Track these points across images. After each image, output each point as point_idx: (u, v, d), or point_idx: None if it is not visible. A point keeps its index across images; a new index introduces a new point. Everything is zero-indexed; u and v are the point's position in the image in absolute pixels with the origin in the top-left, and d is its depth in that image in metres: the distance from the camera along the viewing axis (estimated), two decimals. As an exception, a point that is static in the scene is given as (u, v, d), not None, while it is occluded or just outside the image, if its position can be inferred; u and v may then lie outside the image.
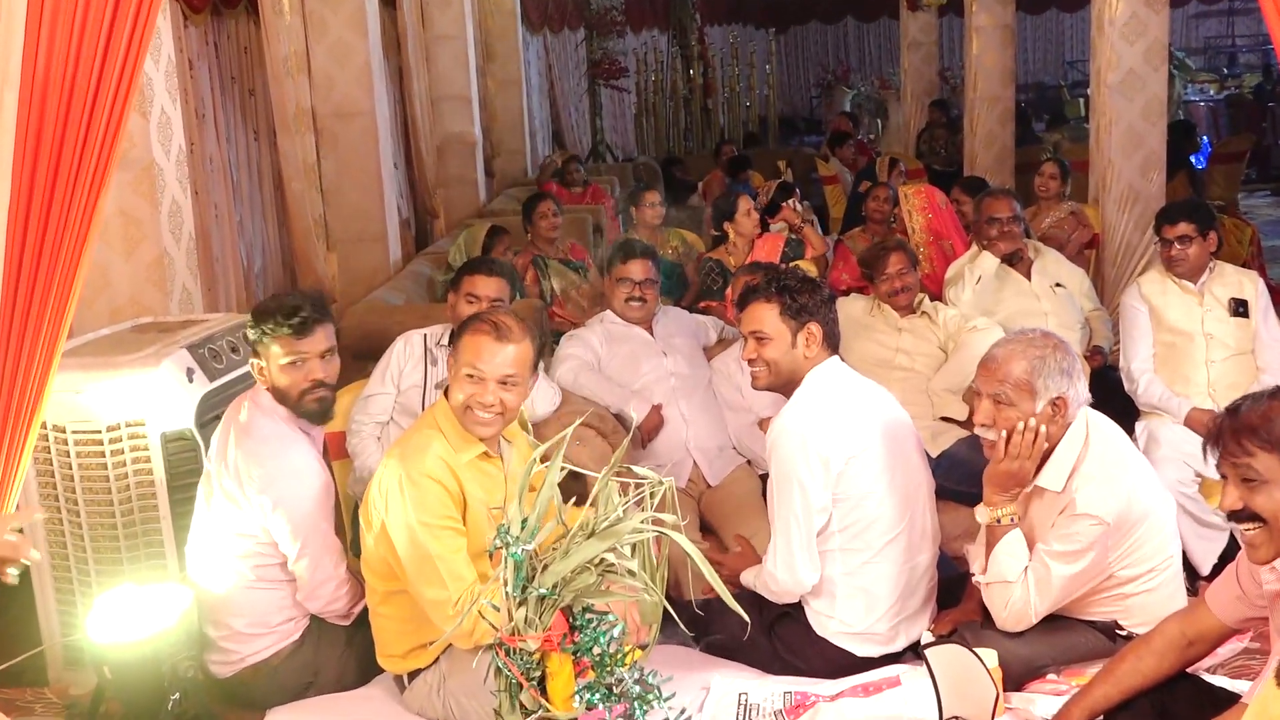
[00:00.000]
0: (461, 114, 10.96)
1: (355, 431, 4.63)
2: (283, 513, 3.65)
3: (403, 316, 6.21)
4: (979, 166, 11.13)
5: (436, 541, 3.38)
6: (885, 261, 5.40)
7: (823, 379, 3.82)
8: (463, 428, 3.52)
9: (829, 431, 3.70)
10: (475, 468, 3.52)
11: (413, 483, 3.41)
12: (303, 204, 7.18)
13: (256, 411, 3.75)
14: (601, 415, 4.88)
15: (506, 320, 3.55)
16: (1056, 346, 3.45)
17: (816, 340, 3.83)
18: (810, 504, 3.69)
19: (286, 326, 3.73)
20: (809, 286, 3.88)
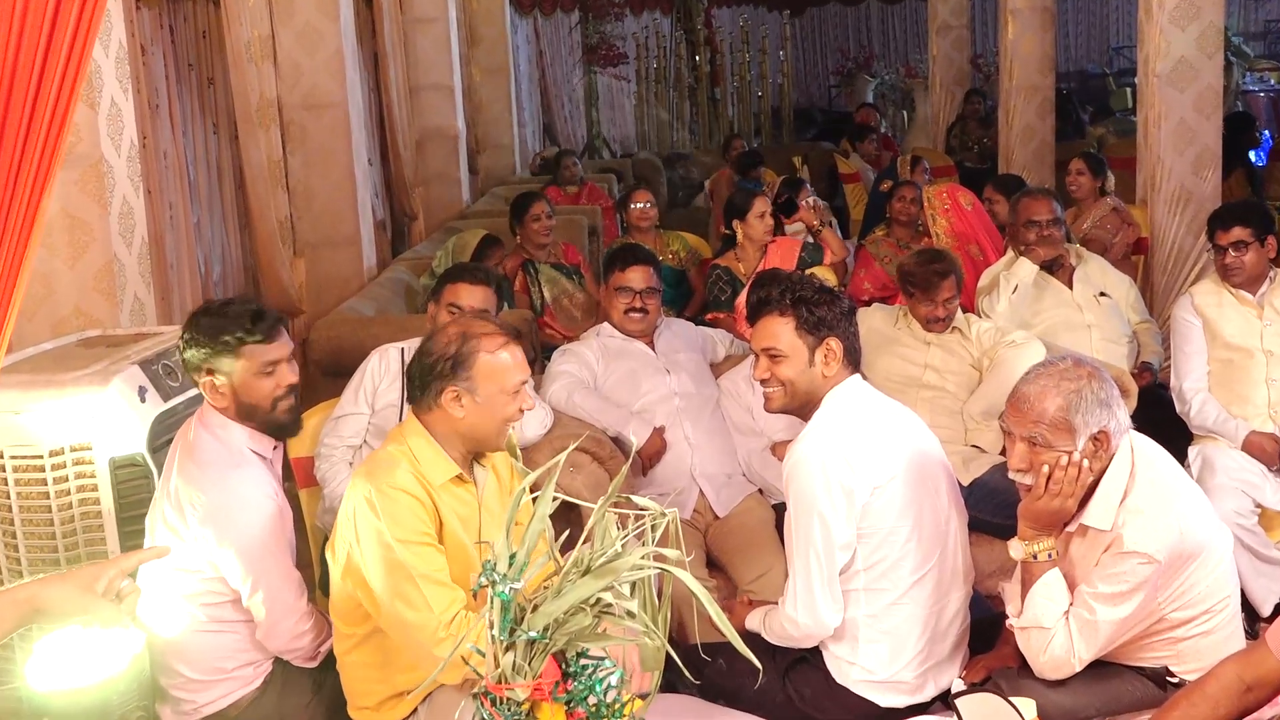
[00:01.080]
0: (443, 105, 10.99)
1: (325, 456, 4.63)
2: (230, 546, 3.63)
3: (378, 329, 6.21)
4: (1015, 163, 11.14)
5: (416, 558, 3.38)
6: (937, 287, 5.33)
7: (844, 400, 3.82)
8: (491, 445, 3.58)
9: (853, 459, 3.70)
10: (448, 493, 3.53)
11: (384, 495, 3.41)
12: (267, 205, 7.19)
13: (203, 432, 3.75)
14: (597, 439, 4.88)
15: (510, 328, 3.65)
16: (1092, 375, 3.44)
17: (836, 357, 3.83)
18: (833, 539, 3.69)
19: (257, 334, 3.74)
20: (828, 297, 3.88)
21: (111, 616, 2.72)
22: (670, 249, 8.15)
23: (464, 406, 3.55)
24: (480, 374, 3.55)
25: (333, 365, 5.85)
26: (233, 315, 3.75)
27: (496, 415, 3.56)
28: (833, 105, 24.21)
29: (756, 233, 7.02)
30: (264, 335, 3.75)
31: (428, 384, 3.58)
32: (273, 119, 7.49)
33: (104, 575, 2.68)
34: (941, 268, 5.36)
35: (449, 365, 3.55)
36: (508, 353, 3.57)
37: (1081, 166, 7.72)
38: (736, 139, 14.14)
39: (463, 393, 3.54)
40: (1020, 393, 3.46)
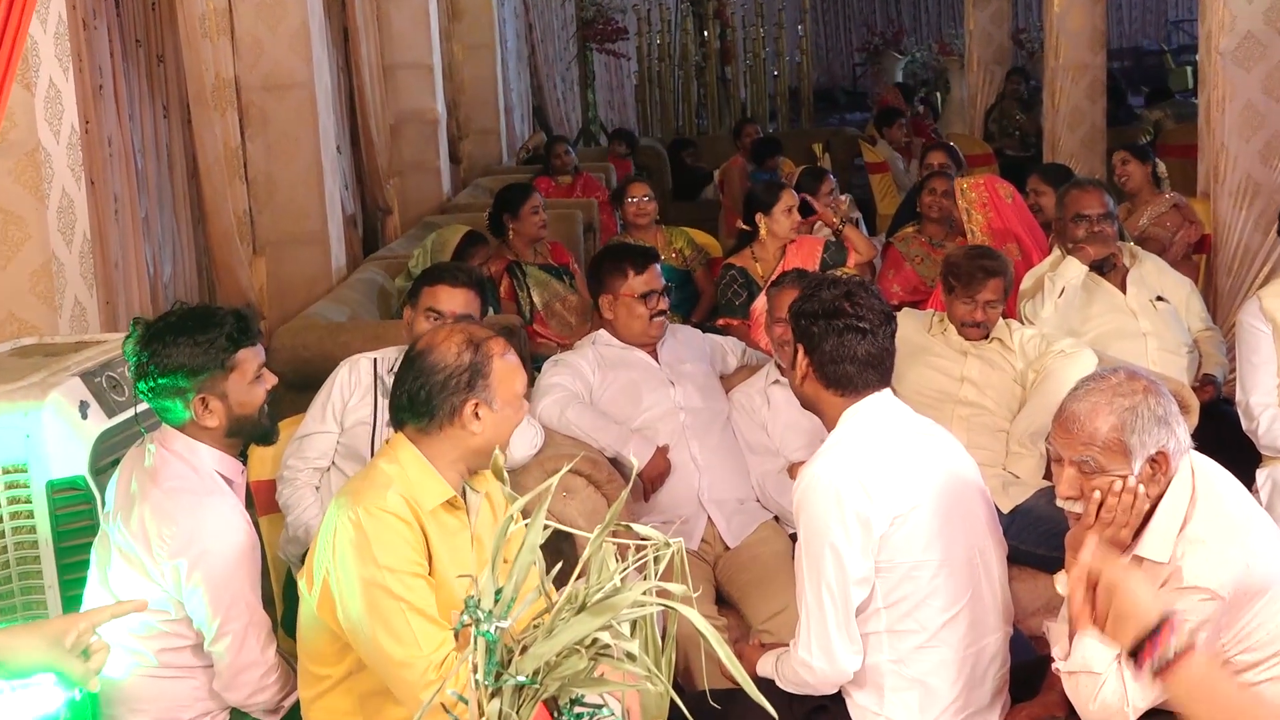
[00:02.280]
0: (421, 86, 11.00)
1: (288, 480, 4.63)
2: (200, 581, 3.64)
3: (348, 336, 6.22)
4: (1061, 151, 11.16)
5: (406, 590, 3.38)
6: (980, 285, 5.33)
7: (865, 418, 3.83)
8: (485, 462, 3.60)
9: (870, 484, 3.70)
10: (437, 519, 3.54)
11: (373, 518, 3.40)
12: (223, 197, 7.19)
13: (167, 455, 3.74)
14: (594, 460, 4.89)
15: (478, 327, 3.72)
16: (1148, 390, 3.42)
17: (807, 375, 3.91)
18: (846, 574, 3.69)
19: (249, 340, 3.76)
20: (825, 308, 3.90)
21: (78, 673, 2.73)
22: (674, 247, 8.15)
23: (481, 420, 3.57)
24: (497, 381, 3.59)
25: (297, 377, 5.84)
26: (220, 322, 3.74)
27: (509, 425, 3.63)
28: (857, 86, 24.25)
29: (783, 229, 7.01)
30: (254, 337, 3.78)
31: (442, 402, 3.57)
32: (230, 101, 7.50)
33: (73, 629, 2.70)
34: (991, 265, 5.36)
35: (466, 377, 3.56)
36: (512, 354, 3.65)
37: (1126, 156, 7.74)
38: (750, 124, 14.16)
39: (481, 403, 3.57)
40: (1068, 411, 3.45)
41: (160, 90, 7.21)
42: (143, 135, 6.97)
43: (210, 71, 7.17)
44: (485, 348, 3.61)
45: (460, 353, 3.60)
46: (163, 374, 3.70)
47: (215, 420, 3.74)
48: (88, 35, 6.27)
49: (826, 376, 3.85)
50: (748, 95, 19.28)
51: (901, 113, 13.50)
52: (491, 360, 3.59)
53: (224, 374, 3.73)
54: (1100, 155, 11.20)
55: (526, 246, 7.57)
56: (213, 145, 7.13)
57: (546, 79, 16.82)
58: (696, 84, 19.20)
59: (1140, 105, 16.61)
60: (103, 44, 6.50)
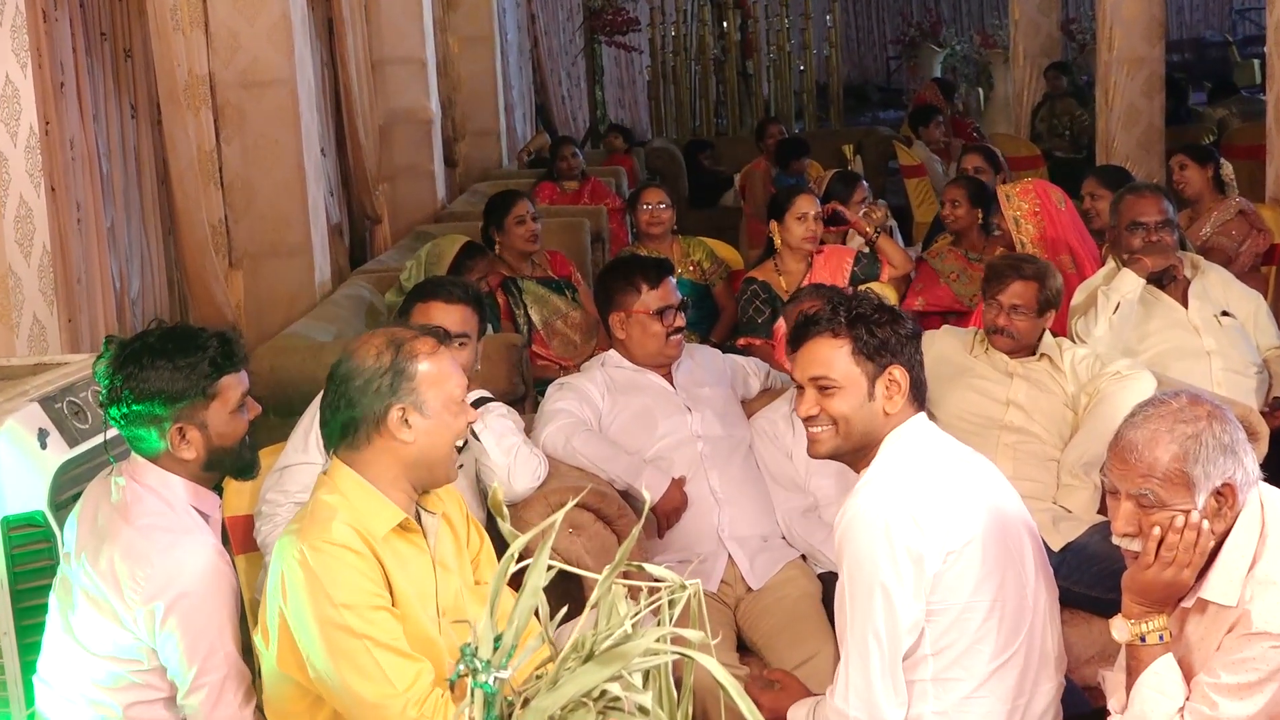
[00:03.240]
0: (413, 83, 11.02)
1: (267, 515, 4.62)
2: (176, 626, 3.62)
3: (332, 358, 6.16)
4: (1116, 153, 11.15)
5: (368, 625, 3.38)
6: (1004, 284, 5.33)
7: (908, 443, 3.81)
8: (443, 475, 3.63)
9: (922, 517, 3.68)
10: (392, 546, 3.54)
11: (320, 553, 3.41)
12: (196, 205, 7.20)
13: (139, 489, 3.74)
14: (603, 493, 4.88)
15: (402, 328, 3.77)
16: (1212, 416, 3.41)
17: (902, 390, 3.83)
18: (898, 618, 3.67)
19: (233, 365, 3.76)
20: (889, 316, 3.88)
21: None
22: (691, 259, 8.14)
23: (413, 427, 3.58)
24: (424, 383, 3.59)
25: (277, 402, 5.84)
26: (200, 345, 3.73)
27: (447, 433, 3.62)
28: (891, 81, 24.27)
29: (795, 237, 7.01)
30: (239, 363, 3.77)
31: (362, 412, 3.59)
32: (204, 100, 7.52)
33: None
34: (1024, 267, 5.35)
35: (387, 380, 3.58)
36: (444, 356, 3.65)
37: (1184, 160, 7.73)
38: (773, 123, 14.17)
39: (409, 409, 3.58)
40: (1125, 440, 3.43)
41: (128, 88, 7.23)
42: (108, 137, 6.98)
43: (182, 67, 7.19)
44: (408, 347, 3.61)
45: (379, 354, 3.62)
46: (138, 400, 3.69)
47: (192, 452, 3.74)
48: (48, 28, 6.28)
49: (917, 385, 3.84)
50: (771, 92, 19.30)
51: (939, 110, 13.48)
52: (415, 360, 3.60)
53: (204, 402, 3.72)
54: (1158, 157, 11.18)
55: (519, 260, 7.55)
56: (185, 148, 7.14)
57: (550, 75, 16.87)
58: (715, 80, 19.22)
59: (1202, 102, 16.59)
60: (64, 37, 6.52)
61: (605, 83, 18.14)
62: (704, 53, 18.99)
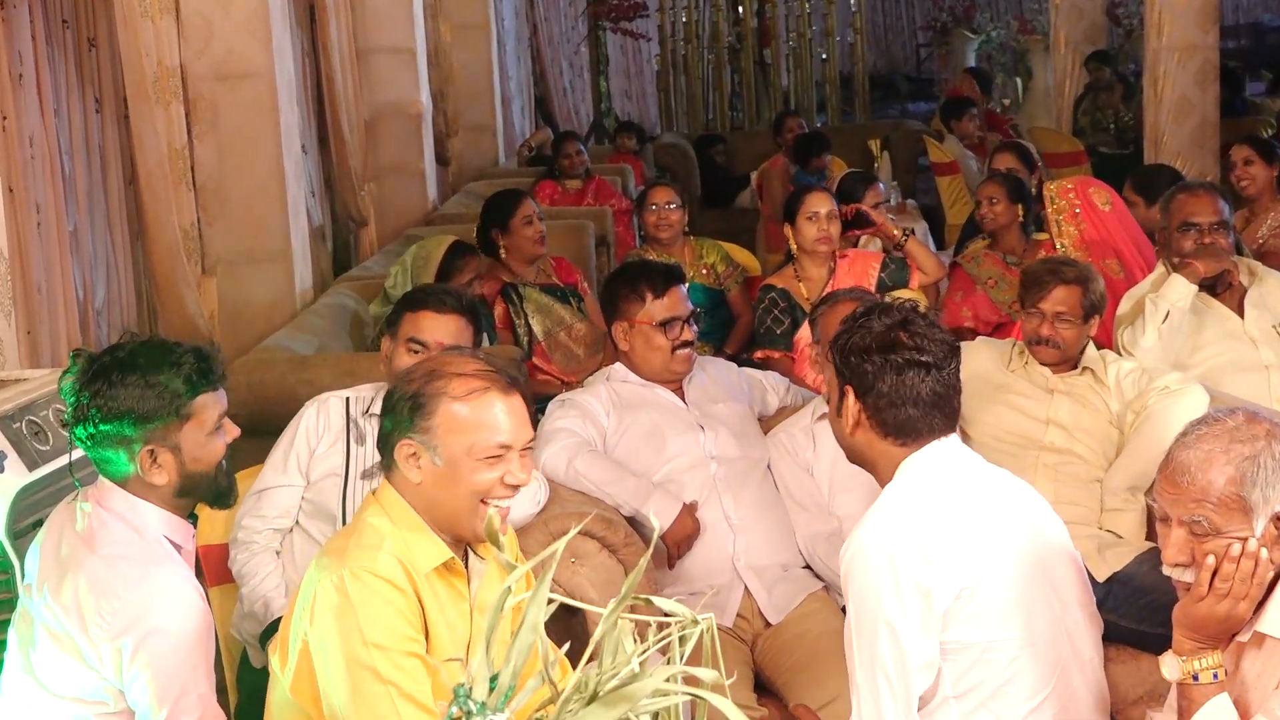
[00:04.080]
0: (402, 74, 11.03)
1: (243, 543, 4.63)
2: (146, 665, 3.61)
3: (314, 372, 6.23)
4: (1166, 148, 11.13)
5: (398, 671, 3.38)
6: (1045, 291, 5.31)
7: (925, 470, 3.80)
8: (466, 531, 3.58)
9: (931, 550, 3.67)
10: (433, 586, 3.54)
11: (361, 583, 3.40)
12: (167, 206, 7.21)
13: (106, 516, 3.73)
14: (608, 520, 4.88)
15: (500, 367, 3.68)
16: (1271, 435, 3.40)
17: (858, 420, 3.88)
18: (905, 656, 3.67)
19: (210, 383, 3.75)
20: (885, 342, 3.87)
21: None
22: (705, 262, 8.14)
23: (421, 469, 3.57)
24: (443, 426, 3.56)
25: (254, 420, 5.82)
26: (175, 361, 3.72)
27: (462, 488, 3.57)
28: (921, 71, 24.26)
29: (807, 240, 7.00)
30: (217, 381, 3.77)
31: (385, 434, 3.63)
32: (175, 93, 7.52)
33: None
34: (1065, 271, 5.34)
35: (407, 409, 3.59)
36: (488, 402, 3.57)
37: (1249, 154, 7.71)
38: (793, 117, 14.17)
39: (420, 449, 3.56)
40: (1177, 461, 3.42)
41: (92, 80, 7.24)
42: (71, 133, 7.00)
43: (151, 58, 7.19)
44: (441, 383, 3.59)
45: (414, 379, 3.64)
46: (106, 419, 3.68)
47: (164, 477, 3.72)
48: (4, 15, 6.30)
49: (884, 423, 3.84)
50: (790, 83, 19.32)
51: (973, 103, 13.47)
52: (441, 398, 3.57)
53: (178, 423, 3.70)
54: (1212, 153, 11.15)
55: (524, 265, 7.55)
56: (154, 145, 7.15)
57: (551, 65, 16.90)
58: (730, 69, 19.23)
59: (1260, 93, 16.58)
60: (23, 25, 6.53)
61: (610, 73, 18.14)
62: (717, 40, 19.01)
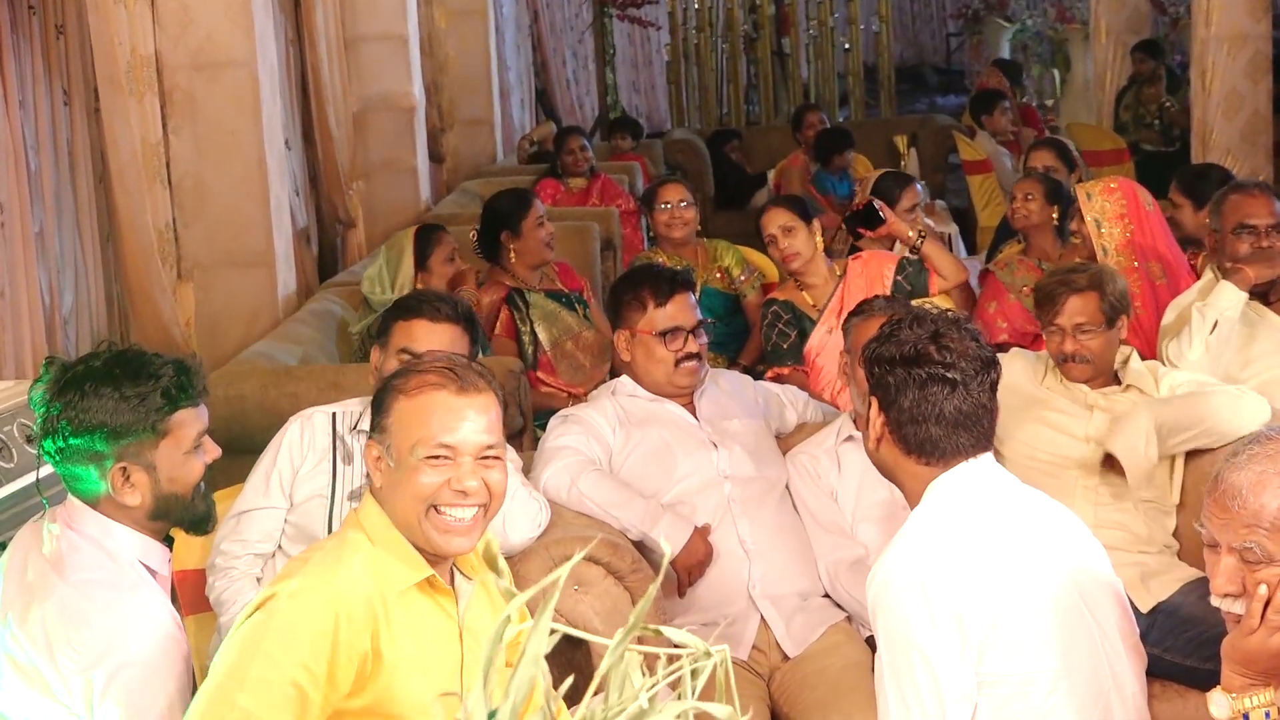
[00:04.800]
0: (393, 64, 11.04)
1: (221, 569, 4.63)
2: (118, 700, 3.61)
3: (298, 385, 6.23)
4: (1215, 145, 11.13)
5: (254, 696, 3.34)
6: (1060, 304, 5.32)
7: (955, 492, 3.80)
8: (421, 542, 3.57)
9: (963, 576, 3.67)
10: (411, 602, 3.54)
11: (300, 595, 3.41)
12: (140, 206, 7.22)
13: (76, 539, 3.73)
14: (614, 544, 4.88)
15: (460, 365, 3.66)
16: (1330, 456, 3.40)
17: (882, 435, 3.88)
18: (942, 688, 3.66)
19: (189, 398, 3.75)
20: (910, 353, 3.88)
21: None
22: (719, 264, 8.14)
23: (381, 472, 3.62)
24: (395, 423, 3.61)
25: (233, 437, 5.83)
26: (151, 373, 3.72)
27: (407, 491, 3.57)
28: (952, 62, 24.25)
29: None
30: (197, 396, 3.77)
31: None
32: (149, 84, 7.53)
33: None
34: (1077, 280, 5.34)
35: (374, 409, 3.68)
36: (438, 400, 3.59)
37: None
38: (813, 111, 14.15)
39: (381, 451, 3.62)
40: (1227, 483, 3.41)
41: (60, 70, 7.25)
42: (37, 127, 7.00)
43: (124, 46, 7.19)
44: (401, 379, 3.65)
45: (385, 378, 3.71)
46: (76, 432, 3.68)
47: (137, 497, 3.72)
48: (-33, 0, 6.30)
49: (906, 440, 3.84)
50: (811, 74, 19.31)
51: (1005, 95, 13.47)
52: (394, 394, 3.62)
53: (154, 439, 3.71)
54: (1265, 150, 11.15)
55: (530, 270, 7.55)
56: (127, 140, 7.15)
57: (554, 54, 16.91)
58: (745, 60, 19.24)
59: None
60: (-13, 11, 6.53)
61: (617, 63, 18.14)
62: (732, 28, 19.01)
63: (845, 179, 11.59)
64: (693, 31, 18.85)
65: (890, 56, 20.08)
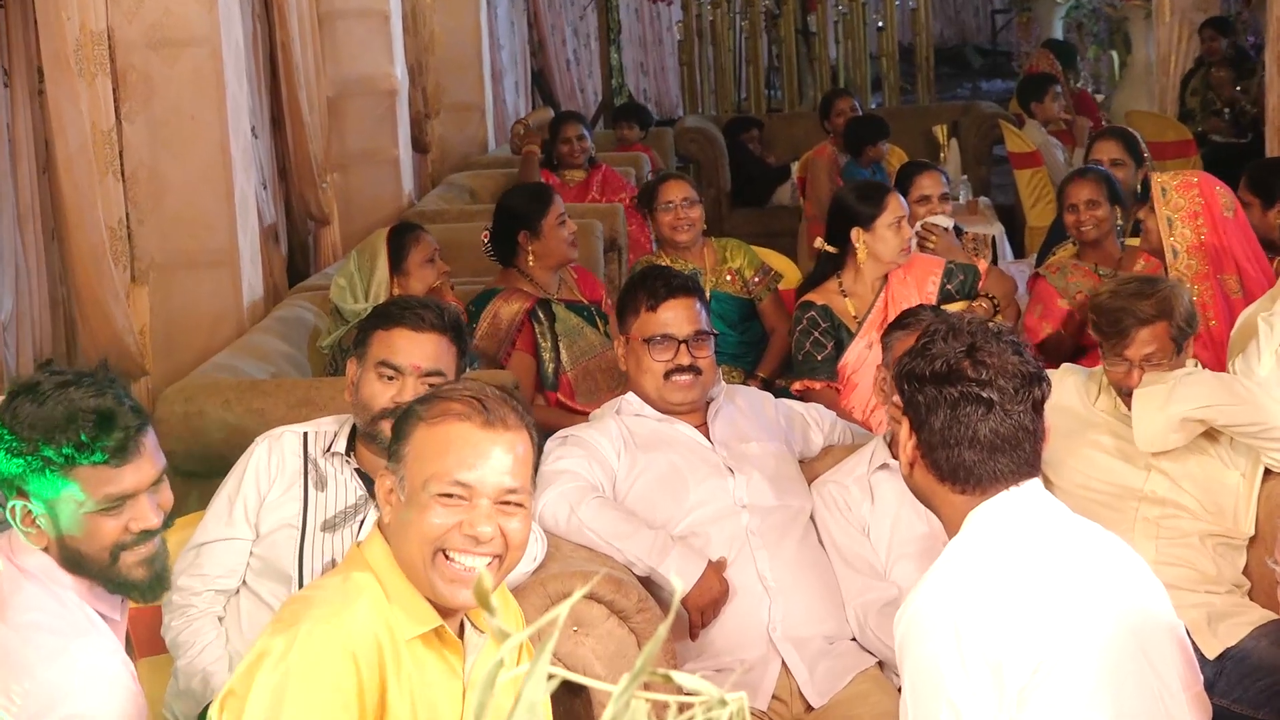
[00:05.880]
0: (373, 42, 11.04)
1: (179, 607, 4.63)
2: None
3: (265, 401, 6.23)
4: (1292, 138, 11.13)
5: None
6: (1129, 335, 5.30)
7: (996, 521, 3.80)
8: (426, 589, 3.57)
9: (1002, 617, 3.66)
10: (418, 655, 3.55)
11: (309, 643, 3.41)
12: (90, 200, 7.22)
13: (19, 577, 3.73)
14: (618, 581, 4.88)
15: (491, 397, 3.64)
16: None
17: (914, 458, 3.87)
18: (971, 742, 3.67)
19: (98, 450, 3.70)
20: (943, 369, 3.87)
21: None
22: (729, 266, 8.09)
23: (392, 506, 3.62)
24: (411, 453, 3.60)
25: (192, 459, 5.86)
26: (66, 413, 3.68)
27: (414, 531, 3.57)
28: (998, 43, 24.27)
29: (889, 250, 6.87)
30: (114, 453, 3.71)
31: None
32: (101, 64, 7.54)
33: None
34: (1144, 309, 5.32)
35: (393, 435, 3.68)
36: (458, 431, 3.58)
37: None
38: (843, 97, 14.15)
39: (395, 482, 3.62)
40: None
41: (1, 49, 7.26)
42: (-24, 112, 7.02)
43: (73, 22, 7.21)
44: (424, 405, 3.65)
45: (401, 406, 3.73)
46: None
47: (43, 540, 3.69)
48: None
49: (938, 465, 3.83)
50: (840, 56, 19.30)
51: (1056, 79, 13.46)
52: (414, 420, 3.62)
53: (58, 482, 3.65)
54: (1348, 143, 11.16)
55: (549, 274, 7.54)
56: (75, 127, 7.17)
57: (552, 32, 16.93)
58: (767, 39, 19.24)
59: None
60: (-80, -17, 6.55)
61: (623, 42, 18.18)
62: (752, 4, 19.00)
63: (878, 173, 11.56)
64: (708, 7, 18.84)
65: (929, 36, 20.07)
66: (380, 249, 7.16)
